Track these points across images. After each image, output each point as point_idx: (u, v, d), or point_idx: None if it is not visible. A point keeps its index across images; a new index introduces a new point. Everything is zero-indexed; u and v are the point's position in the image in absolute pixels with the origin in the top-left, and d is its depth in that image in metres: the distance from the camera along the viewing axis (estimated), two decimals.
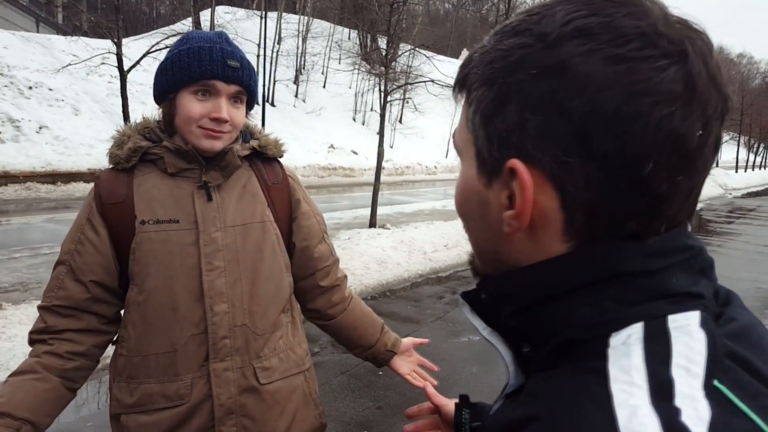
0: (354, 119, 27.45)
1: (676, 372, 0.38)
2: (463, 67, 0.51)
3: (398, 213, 11.71)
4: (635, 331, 0.41)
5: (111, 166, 1.32)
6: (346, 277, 1.59)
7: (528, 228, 0.45)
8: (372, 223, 8.71)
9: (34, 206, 10.69)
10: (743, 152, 40.63)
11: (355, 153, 22.66)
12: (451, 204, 13.58)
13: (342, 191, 16.37)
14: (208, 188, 1.28)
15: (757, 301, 6.41)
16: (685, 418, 0.35)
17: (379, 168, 8.92)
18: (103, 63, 6.65)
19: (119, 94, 6.17)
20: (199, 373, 1.24)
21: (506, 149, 0.45)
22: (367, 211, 8.93)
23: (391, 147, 23.45)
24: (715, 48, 0.44)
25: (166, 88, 1.26)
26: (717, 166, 31.52)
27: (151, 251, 1.22)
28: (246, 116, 1.33)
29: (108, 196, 1.27)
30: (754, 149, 41.44)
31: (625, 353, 0.40)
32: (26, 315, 4.26)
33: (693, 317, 0.42)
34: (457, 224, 9.05)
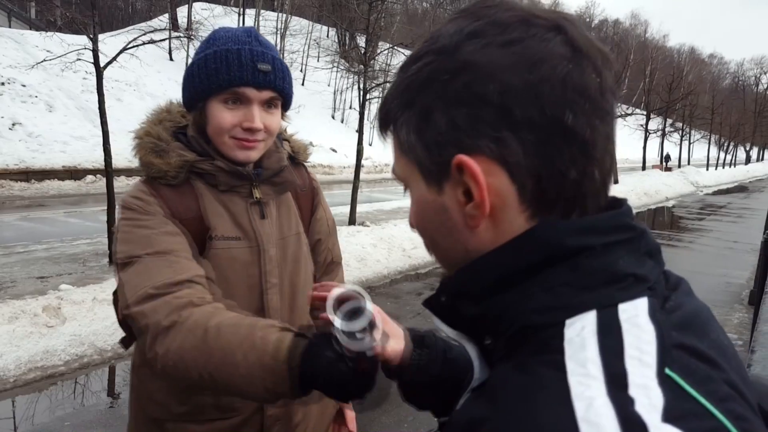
0: (333, 117, 27.39)
1: (630, 362, 0.40)
2: (381, 109, 0.56)
3: (377, 210, 11.74)
4: (588, 323, 0.43)
5: (146, 178, 1.20)
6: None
7: (490, 213, 0.48)
8: (351, 221, 8.72)
9: (8, 204, 10.48)
10: (714, 150, 41.51)
11: (334, 151, 22.62)
12: None
13: (321, 189, 16.30)
14: (262, 204, 1.23)
15: (726, 296, 6.59)
16: (639, 406, 0.37)
17: (358, 166, 8.94)
18: (78, 59, 6.54)
19: (94, 91, 6.07)
20: None
21: (446, 150, 0.48)
22: (347, 209, 8.94)
23: (370, 145, 23.45)
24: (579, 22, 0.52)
25: (194, 96, 1.16)
26: (689, 163, 32.18)
27: (218, 267, 1.17)
28: (282, 118, 1.25)
29: (182, 212, 1.16)
30: (725, 147, 42.38)
31: (581, 346, 0.41)
32: (0, 314, 4.20)
33: (641, 306, 0.44)
34: None
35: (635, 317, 0.43)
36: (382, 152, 24.15)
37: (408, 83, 0.51)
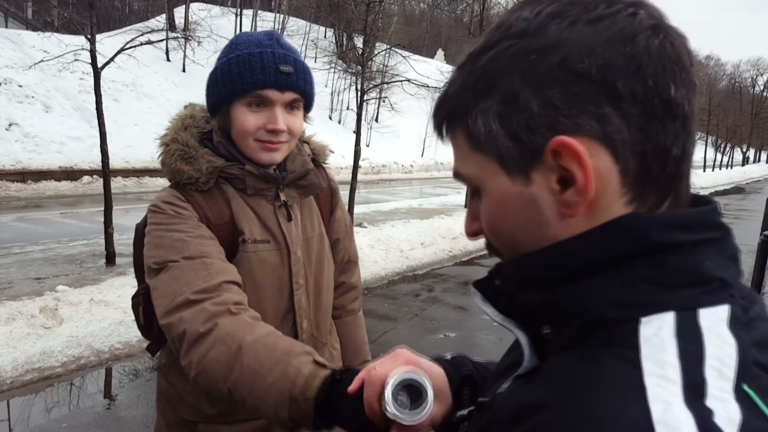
0: (330, 118, 27.38)
1: (709, 373, 0.38)
2: (440, 108, 0.52)
3: (375, 211, 11.74)
4: (666, 324, 0.41)
5: (174, 183, 1.22)
6: (360, 288, 1.58)
7: (594, 199, 0.45)
8: None
9: (4, 205, 10.44)
10: (711, 152, 41.63)
11: (331, 152, 22.57)
12: (427, 203, 13.65)
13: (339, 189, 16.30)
14: (288, 207, 1.26)
15: None
16: (718, 419, 0.36)
17: (356, 167, 8.95)
18: (76, 60, 6.53)
19: (91, 91, 6.07)
20: None
21: (539, 133, 0.45)
22: None
23: (368, 146, 23.46)
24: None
25: (218, 101, 1.19)
26: None
27: (248, 271, 1.18)
28: (304, 119, 1.26)
29: (215, 218, 1.18)
30: (721, 149, 42.52)
31: (660, 347, 0.40)
32: None
33: (722, 314, 0.42)
34: (434, 222, 9.12)
35: (717, 326, 0.41)
36: (379, 153, 24.18)
37: (483, 72, 0.48)
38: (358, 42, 11.42)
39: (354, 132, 9.49)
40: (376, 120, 27.15)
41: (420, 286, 6.64)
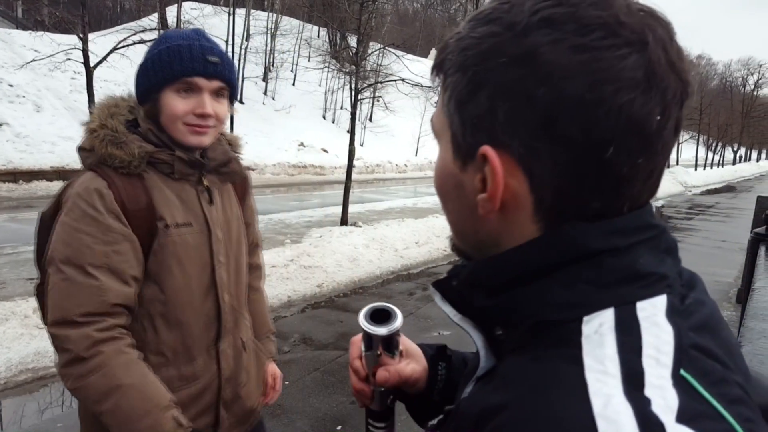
0: (324, 117, 27.34)
1: (647, 362, 0.40)
2: (440, 51, 0.52)
3: (369, 211, 11.75)
4: (606, 320, 0.42)
5: (97, 167, 1.27)
6: (263, 268, 1.76)
7: (500, 210, 0.47)
8: (344, 221, 8.73)
9: None
10: (702, 151, 41.88)
11: (325, 151, 22.59)
12: (421, 202, 13.68)
13: (313, 189, 16.31)
14: (210, 191, 1.37)
15: (715, 294, 6.63)
16: (656, 407, 0.37)
17: (350, 166, 8.95)
18: (68, 59, 6.50)
19: (83, 91, 6.05)
20: (208, 354, 1.38)
21: (478, 135, 0.47)
22: (339, 209, 8.94)
23: (362, 145, 23.45)
24: (676, 35, 0.46)
25: (149, 88, 1.26)
26: (677, 164, 32.44)
27: (174, 253, 1.28)
28: (228, 110, 1.35)
29: (131, 203, 1.24)
30: (713, 148, 42.79)
31: (599, 343, 0.41)
32: None
33: (660, 304, 0.44)
34: (428, 222, 9.14)
35: (654, 316, 0.43)
36: (373, 153, 24.17)
37: (468, 45, 0.48)
38: (352, 41, 11.42)
39: (348, 131, 9.49)
40: (370, 119, 27.14)
41: (414, 284, 6.66)
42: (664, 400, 0.38)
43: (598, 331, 0.42)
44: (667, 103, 0.43)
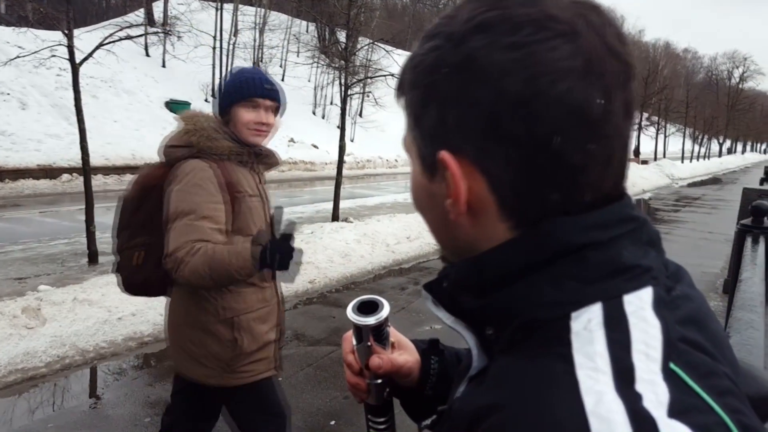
0: (314, 113, 27.26)
1: (637, 357, 0.40)
2: (400, 74, 0.54)
3: (360, 206, 11.74)
4: (595, 316, 0.43)
5: (199, 154, 1.90)
6: None
7: (469, 213, 0.48)
8: (335, 217, 8.72)
9: None
10: (689, 143, 42.23)
11: (315, 147, 22.52)
12: None
13: (303, 185, 16.28)
14: (261, 174, 2.08)
15: (702, 285, 6.73)
16: (647, 402, 0.37)
17: (340, 162, 8.93)
18: (53, 55, 6.42)
19: (69, 87, 5.99)
20: (270, 284, 2.08)
21: (435, 144, 0.48)
22: (330, 205, 8.93)
23: (352, 141, 23.41)
24: (614, 18, 0.47)
25: (228, 105, 1.95)
26: (664, 156, 32.71)
27: (249, 214, 1.94)
28: (277, 121, 2.04)
29: (223, 179, 1.88)
30: (699, 141, 43.16)
31: (589, 339, 0.41)
32: None
33: (646, 297, 0.44)
34: (419, 217, 9.12)
35: (641, 310, 0.43)
36: (363, 148, 24.14)
37: (419, 62, 0.50)
38: (341, 36, 11.37)
39: (338, 127, 9.47)
40: (360, 115, 27.09)
41: (406, 279, 6.68)
42: (655, 395, 0.38)
43: (587, 327, 0.42)
44: (607, 86, 0.44)
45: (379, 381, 0.74)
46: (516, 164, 0.45)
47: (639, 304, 0.43)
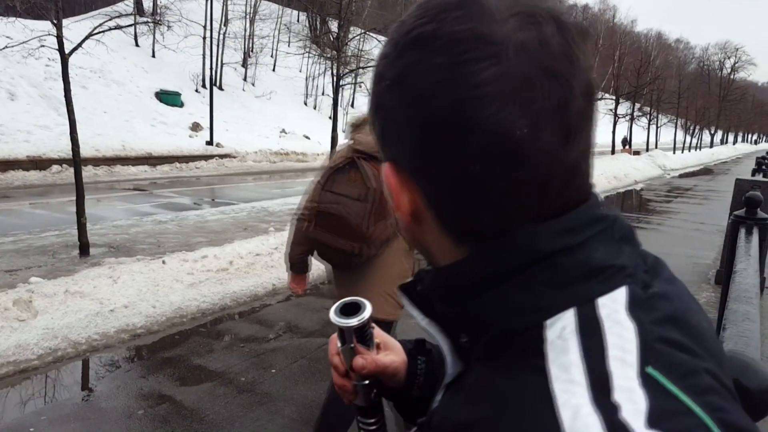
0: (305, 103, 27.14)
1: (613, 364, 0.39)
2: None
3: None
4: (569, 323, 0.42)
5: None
6: None
7: (415, 222, 0.49)
8: None
9: None
10: (680, 134, 42.44)
11: (307, 137, 22.43)
12: None
13: (295, 176, 16.21)
14: None
15: (694, 276, 6.78)
16: (625, 413, 0.36)
17: (333, 152, 8.90)
18: (42, 46, 6.33)
19: (58, 78, 5.93)
20: (412, 258, 2.64)
21: (383, 152, 0.49)
22: None
23: (344, 131, 23.34)
24: (569, 29, 0.43)
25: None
26: (656, 147, 32.86)
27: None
28: None
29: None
30: (691, 131, 43.38)
31: (563, 349, 0.40)
32: None
33: (620, 298, 0.43)
34: None
35: (615, 313, 0.42)
36: None
37: (375, 65, 0.50)
38: (333, 26, 11.30)
39: (330, 117, 9.43)
40: (352, 105, 26.98)
41: None
42: (632, 403, 0.37)
43: (561, 336, 0.41)
44: (536, 113, 0.41)
45: (366, 382, 0.74)
46: (443, 185, 0.45)
47: (613, 307, 0.42)
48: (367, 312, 0.71)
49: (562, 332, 0.41)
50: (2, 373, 3.67)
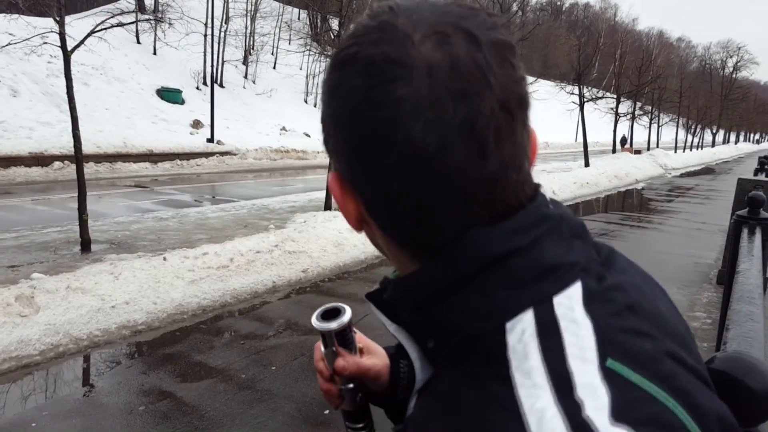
0: (306, 101, 27.14)
1: (573, 362, 0.39)
2: None
3: None
4: (528, 326, 0.42)
5: None
6: None
7: (366, 225, 0.51)
8: (327, 206, 8.71)
9: None
10: (682, 133, 42.36)
11: (307, 135, 22.42)
12: None
13: (295, 174, 16.22)
14: None
15: (695, 275, 6.78)
16: (588, 409, 0.37)
17: None
18: (44, 43, 6.33)
19: (60, 75, 5.93)
20: None
21: (335, 161, 0.50)
22: (322, 194, 8.91)
23: None
24: (490, 43, 0.43)
25: None
26: (657, 146, 32.80)
27: None
28: None
29: None
30: (692, 130, 43.29)
31: (524, 354, 0.41)
32: None
33: (575, 294, 0.43)
34: None
35: (571, 311, 0.42)
36: None
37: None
38: (333, 24, 11.28)
39: None
40: None
41: None
42: (595, 399, 0.37)
43: (522, 340, 0.42)
44: (443, 131, 0.41)
45: (351, 386, 0.75)
46: (375, 198, 0.46)
47: (569, 304, 0.43)
48: (347, 316, 0.72)
49: (522, 336, 0.42)
50: (4, 369, 3.69)
